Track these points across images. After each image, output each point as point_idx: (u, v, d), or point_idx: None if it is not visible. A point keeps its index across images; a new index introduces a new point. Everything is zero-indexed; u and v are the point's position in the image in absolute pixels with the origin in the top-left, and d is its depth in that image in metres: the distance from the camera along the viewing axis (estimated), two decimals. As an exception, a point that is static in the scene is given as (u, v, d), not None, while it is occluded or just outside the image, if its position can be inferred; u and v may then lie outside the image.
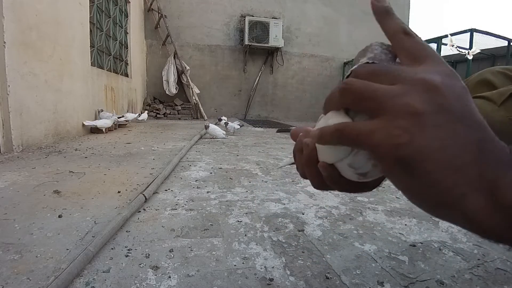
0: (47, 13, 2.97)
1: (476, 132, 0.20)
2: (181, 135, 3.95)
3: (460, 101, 0.20)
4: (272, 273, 0.87)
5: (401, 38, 0.23)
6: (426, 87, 0.20)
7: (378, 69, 0.22)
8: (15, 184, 1.61)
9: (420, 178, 0.19)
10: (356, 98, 0.21)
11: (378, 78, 0.21)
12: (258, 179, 1.92)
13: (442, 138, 0.19)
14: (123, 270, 0.85)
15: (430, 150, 0.19)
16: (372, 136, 0.20)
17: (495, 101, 0.48)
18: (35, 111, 2.77)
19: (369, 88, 0.21)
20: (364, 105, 0.21)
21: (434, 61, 0.22)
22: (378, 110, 0.20)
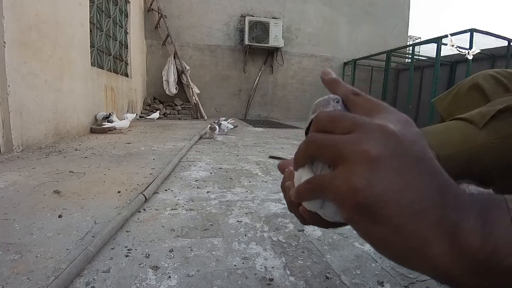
0: (47, 13, 2.97)
1: (435, 177, 0.20)
2: (181, 135, 3.95)
3: (416, 147, 0.20)
4: (272, 273, 0.87)
5: (353, 98, 0.25)
6: (382, 133, 0.20)
7: (338, 116, 0.23)
8: (15, 184, 1.61)
9: (382, 224, 0.19)
10: (319, 149, 0.22)
11: (338, 125, 0.22)
12: (258, 179, 1.92)
13: (400, 183, 0.19)
14: (123, 270, 0.85)
15: (389, 195, 0.19)
16: (333, 183, 0.21)
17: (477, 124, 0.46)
18: (35, 111, 2.77)
19: (329, 138, 0.22)
20: (327, 155, 0.22)
21: (389, 111, 0.23)
22: (339, 158, 0.21)
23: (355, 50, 8.40)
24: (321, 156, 0.22)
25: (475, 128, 0.46)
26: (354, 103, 0.24)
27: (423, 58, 7.32)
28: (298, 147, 0.25)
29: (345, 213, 0.21)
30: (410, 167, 0.19)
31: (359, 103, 0.24)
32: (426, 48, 6.69)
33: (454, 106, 0.61)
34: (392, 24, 8.79)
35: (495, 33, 5.23)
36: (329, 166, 0.23)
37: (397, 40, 8.56)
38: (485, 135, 0.45)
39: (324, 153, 0.22)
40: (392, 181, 0.19)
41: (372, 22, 8.59)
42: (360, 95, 0.24)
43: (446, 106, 0.63)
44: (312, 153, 0.23)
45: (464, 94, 0.59)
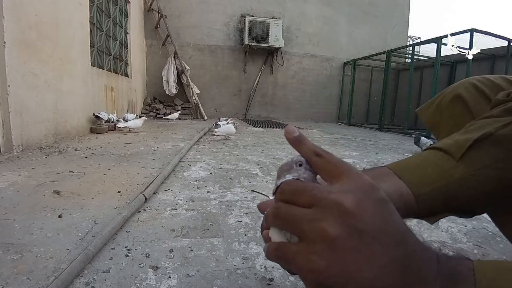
0: (47, 13, 2.97)
1: (398, 249, 0.19)
2: (181, 135, 3.95)
3: (376, 217, 0.20)
4: (272, 273, 0.87)
5: (314, 160, 0.25)
6: (338, 210, 0.20)
7: (299, 189, 0.23)
8: (15, 184, 1.61)
9: None
10: (282, 222, 0.23)
11: (299, 197, 0.22)
12: (258, 179, 1.92)
13: (359, 261, 0.19)
14: (123, 270, 0.85)
15: (348, 275, 0.19)
16: (296, 259, 0.21)
17: (454, 156, 0.44)
18: (35, 111, 2.77)
19: (291, 214, 0.22)
20: (290, 229, 0.22)
21: (349, 177, 0.22)
22: (300, 234, 0.21)
23: (355, 50, 8.40)
24: (286, 228, 0.23)
25: (452, 160, 0.44)
26: (316, 165, 0.25)
27: (423, 58, 7.32)
28: (268, 212, 0.25)
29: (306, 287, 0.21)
30: (369, 244, 0.19)
31: (321, 166, 0.24)
32: (426, 48, 6.69)
33: (437, 117, 0.59)
34: (392, 24, 8.79)
35: (495, 33, 5.23)
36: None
37: (397, 40, 8.56)
38: (462, 167, 0.42)
39: (288, 227, 0.23)
40: (351, 261, 0.19)
41: (372, 22, 8.59)
42: (321, 156, 0.24)
43: (429, 117, 0.62)
44: (278, 224, 0.24)
45: (446, 105, 0.57)
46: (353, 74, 7.90)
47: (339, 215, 0.20)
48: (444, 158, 0.45)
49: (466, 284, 0.19)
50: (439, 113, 0.59)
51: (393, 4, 8.78)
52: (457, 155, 0.43)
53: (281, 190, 0.25)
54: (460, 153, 0.43)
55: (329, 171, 0.23)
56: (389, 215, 0.20)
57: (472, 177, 0.42)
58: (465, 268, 0.20)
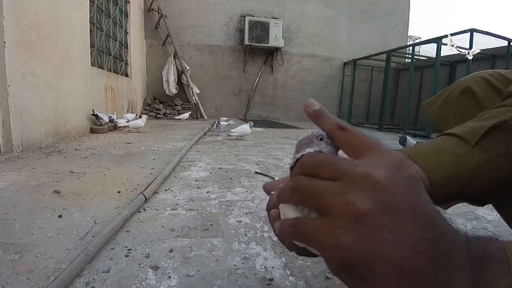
0: (47, 13, 2.97)
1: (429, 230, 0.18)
2: (181, 135, 3.95)
3: (408, 195, 0.18)
4: (272, 273, 0.87)
5: (338, 134, 0.23)
6: (368, 183, 0.18)
7: (322, 161, 0.21)
8: (15, 184, 1.61)
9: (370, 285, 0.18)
10: (302, 196, 0.21)
11: (322, 170, 0.20)
12: (258, 179, 1.92)
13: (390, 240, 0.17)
14: (123, 270, 0.85)
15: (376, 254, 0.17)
16: (317, 235, 0.19)
17: (469, 142, 0.43)
18: (35, 111, 2.77)
19: (313, 186, 0.20)
20: (311, 203, 0.21)
21: (377, 152, 0.21)
22: (322, 208, 0.19)
23: (355, 50, 8.40)
24: (306, 203, 0.21)
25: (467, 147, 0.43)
26: (340, 139, 0.23)
27: (423, 58, 7.32)
28: (283, 187, 0.23)
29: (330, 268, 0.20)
30: (401, 221, 0.17)
31: (345, 141, 0.22)
32: (426, 48, 6.69)
33: (445, 111, 0.59)
34: (392, 24, 8.78)
35: (495, 33, 5.23)
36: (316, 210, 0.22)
37: (397, 40, 8.56)
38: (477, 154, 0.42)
39: (308, 202, 0.21)
40: (380, 239, 0.17)
41: (372, 22, 8.59)
42: (346, 130, 0.22)
43: (437, 111, 0.61)
44: (296, 199, 0.22)
45: (455, 99, 0.57)
46: (353, 74, 7.90)
47: (369, 188, 0.18)
48: (459, 144, 0.45)
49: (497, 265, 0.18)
50: (447, 106, 0.59)
51: (393, 4, 8.77)
52: (472, 141, 0.43)
53: (301, 162, 0.23)
54: (475, 139, 0.43)
55: (354, 146, 0.22)
56: (420, 194, 0.19)
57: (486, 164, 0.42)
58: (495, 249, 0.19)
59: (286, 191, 0.23)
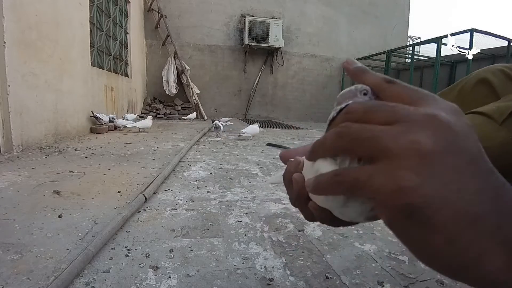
0: (47, 13, 2.97)
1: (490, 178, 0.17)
2: (181, 135, 3.95)
3: (470, 141, 0.17)
4: (272, 273, 0.87)
5: (386, 87, 0.21)
6: (433, 124, 0.17)
7: (375, 105, 0.19)
8: (15, 184, 1.61)
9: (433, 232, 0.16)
10: (354, 141, 0.19)
11: (375, 116, 0.19)
12: (258, 179, 1.92)
13: (456, 183, 0.16)
14: (123, 270, 0.85)
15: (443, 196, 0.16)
16: (373, 179, 0.17)
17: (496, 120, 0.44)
18: (35, 111, 2.77)
19: (367, 129, 0.18)
20: (363, 148, 0.19)
21: (434, 99, 0.19)
22: (381, 152, 0.18)
23: (355, 50, 8.40)
24: (356, 149, 0.19)
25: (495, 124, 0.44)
26: (388, 93, 0.21)
27: (423, 58, 7.32)
28: (323, 137, 0.21)
29: (387, 216, 0.18)
30: (466, 165, 0.16)
31: (395, 93, 0.20)
32: (426, 48, 6.70)
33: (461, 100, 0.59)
34: (392, 24, 8.79)
35: (495, 33, 5.23)
36: (358, 161, 0.20)
37: (397, 40, 8.56)
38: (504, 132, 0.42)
39: (361, 146, 0.18)
40: (447, 181, 0.16)
41: (372, 22, 8.59)
42: (395, 83, 0.21)
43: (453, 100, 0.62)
44: (343, 146, 0.19)
45: (470, 89, 0.57)
46: (353, 74, 7.89)
47: (434, 129, 0.17)
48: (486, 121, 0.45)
49: None
50: (462, 96, 0.59)
51: (393, 4, 8.78)
52: (499, 119, 0.44)
53: (348, 109, 0.20)
54: (503, 117, 0.43)
55: (406, 97, 0.20)
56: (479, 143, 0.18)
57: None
58: None
59: (329, 139, 0.20)
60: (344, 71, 3.25)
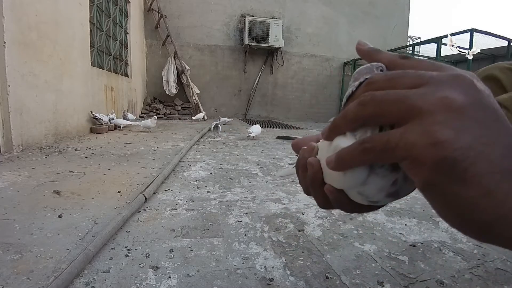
0: (47, 13, 2.97)
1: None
2: (181, 135, 3.95)
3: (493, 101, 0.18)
4: (272, 273, 0.87)
5: (402, 62, 0.21)
6: (459, 82, 0.17)
7: (399, 73, 0.19)
8: (15, 184, 1.61)
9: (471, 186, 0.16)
10: (380, 106, 0.18)
11: (400, 81, 0.19)
12: (258, 179, 1.92)
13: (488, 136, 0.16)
14: (123, 270, 0.85)
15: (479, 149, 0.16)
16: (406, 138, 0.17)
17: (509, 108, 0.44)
18: (35, 111, 2.77)
19: (393, 92, 0.18)
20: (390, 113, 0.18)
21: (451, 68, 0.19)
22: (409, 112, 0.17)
23: (355, 50, 8.34)
24: (382, 115, 0.18)
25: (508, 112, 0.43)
26: (405, 67, 0.21)
27: (423, 58, 7.32)
28: (343, 111, 0.21)
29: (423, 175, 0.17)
30: (494, 120, 0.17)
31: (412, 67, 0.20)
32: (426, 48, 6.70)
33: None
34: (392, 24, 8.79)
35: (495, 33, 5.23)
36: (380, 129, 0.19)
37: (397, 40, 8.56)
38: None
39: (388, 111, 0.18)
40: (480, 134, 0.16)
41: (372, 22, 8.59)
42: (410, 58, 0.21)
43: None
44: (368, 113, 0.19)
45: None
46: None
47: (461, 86, 0.17)
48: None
49: None
50: None
51: (393, 4, 8.77)
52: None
53: (369, 81, 0.20)
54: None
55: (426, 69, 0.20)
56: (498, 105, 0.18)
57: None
58: None
59: (351, 110, 0.20)
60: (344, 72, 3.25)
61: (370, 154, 0.19)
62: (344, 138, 0.21)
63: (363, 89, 0.21)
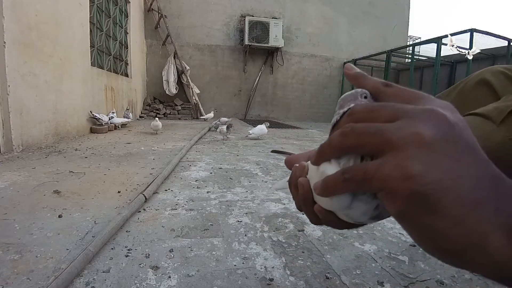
0: (47, 13, 2.97)
1: (487, 165, 0.18)
2: (181, 135, 3.95)
3: (466, 134, 0.19)
4: (272, 273, 0.87)
5: (385, 90, 0.23)
6: (432, 117, 0.18)
7: (377, 105, 0.21)
8: (15, 184, 1.61)
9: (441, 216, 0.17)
10: (360, 138, 0.20)
11: (378, 114, 0.20)
12: (258, 179, 1.92)
13: (458, 169, 0.17)
14: (123, 270, 0.85)
15: (446, 182, 0.17)
16: (381, 170, 0.18)
17: (494, 120, 0.44)
18: (35, 111, 2.77)
19: (371, 126, 0.20)
20: (368, 145, 0.20)
21: (429, 98, 0.21)
22: (384, 145, 0.19)
23: (355, 50, 8.40)
24: (362, 146, 0.20)
25: (492, 125, 0.44)
26: (387, 94, 0.22)
27: (423, 58, 7.32)
28: (328, 140, 0.22)
29: (396, 206, 0.19)
30: (465, 153, 0.18)
31: (393, 94, 0.22)
32: (426, 48, 6.69)
33: (460, 102, 0.59)
34: (392, 24, 8.78)
35: (495, 33, 5.23)
36: (361, 159, 0.21)
37: (397, 40, 8.56)
38: (503, 131, 0.43)
39: (366, 143, 0.20)
40: (450, 168, 0.17)
41: (372, 22, 8.59)
42: (393, 86, 0.23)
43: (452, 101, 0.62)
44: (349, 144, 0.20)
45: (470, 89, 0.57)
46: (353, 74, 7.89)
47: (433, 121, 0.18)
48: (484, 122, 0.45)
49: None
50: (462, 98, 0.59)
51: (393, 4, 8.77)
52: (497, 119, 0.44)
53: (352, 111, 0.22)
54: (501, 117, 0.44)
55: (405, 98, 0.21)
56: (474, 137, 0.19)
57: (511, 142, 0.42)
58: None
59: (334, 140, 0.21)
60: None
61: (350, 184, 0.20)
62: (329, 165, 0.22)
63: (346, 119, 0.22)
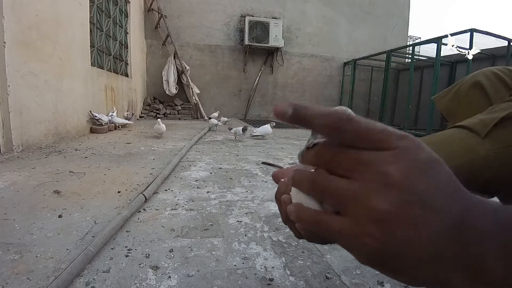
0: (47, 13, 2.97)
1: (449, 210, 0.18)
2: (181, 135, 3.95)
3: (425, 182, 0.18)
4: (272, 273, 0.87)
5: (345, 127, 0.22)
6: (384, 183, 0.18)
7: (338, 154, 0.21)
8: (15, 184, 1.61)
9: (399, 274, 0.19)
10: (323, 194, 0.21)
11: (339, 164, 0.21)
12: (258, 179, 1.92)
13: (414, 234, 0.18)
14: (123, 270, 0.85)
15: (404, 249, 0.18)
16: (343, 236, 0.20)
17: (479, 133, 0.44)
18: (35, 111, 2.77)
19: (332, 185, 0.21)
20: (330, 202, 0.21)
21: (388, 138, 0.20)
22: (344, 209, 0.20)
23: (355, 50, 8.40)
24: (326, 201, 0.22)
25: (477, 138, 0.44)
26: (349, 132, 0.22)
27: (423, 58, 7.31)
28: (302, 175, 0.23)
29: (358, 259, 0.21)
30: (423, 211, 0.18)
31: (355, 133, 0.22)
32: (426, 48, 6.68)
33: (454, 104, 0.60)
34: (392, 24, 8.78)
35: (495, 33, 5.22)
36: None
37: (397, 40, 8.56)
38: (488, 145, 0.43)
39: (329, 201, 0.21)
40: (405, 235, 0.18)
41: (372, 22, 8.58)
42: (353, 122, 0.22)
43: (447, 105, 0.62)
44: (317, 195, 0.22)
45: (465, 93, 0.58)
46: (353, 74, 7.90)
47: (386, 188, 0.18)
48: (469, 135, 0.45)
49: None
50: (456, 100, 0.59)
51: (393, 4, 8.77)
52: (482, 132, 0.44)
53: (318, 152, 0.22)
54: (486, 130, 0.44)
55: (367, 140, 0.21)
56: (439, 173, 0.19)
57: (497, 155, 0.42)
58: None
59: (306, 184, 0.23)
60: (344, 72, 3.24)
61: (318, 230, 0.22)
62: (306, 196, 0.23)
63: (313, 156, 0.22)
